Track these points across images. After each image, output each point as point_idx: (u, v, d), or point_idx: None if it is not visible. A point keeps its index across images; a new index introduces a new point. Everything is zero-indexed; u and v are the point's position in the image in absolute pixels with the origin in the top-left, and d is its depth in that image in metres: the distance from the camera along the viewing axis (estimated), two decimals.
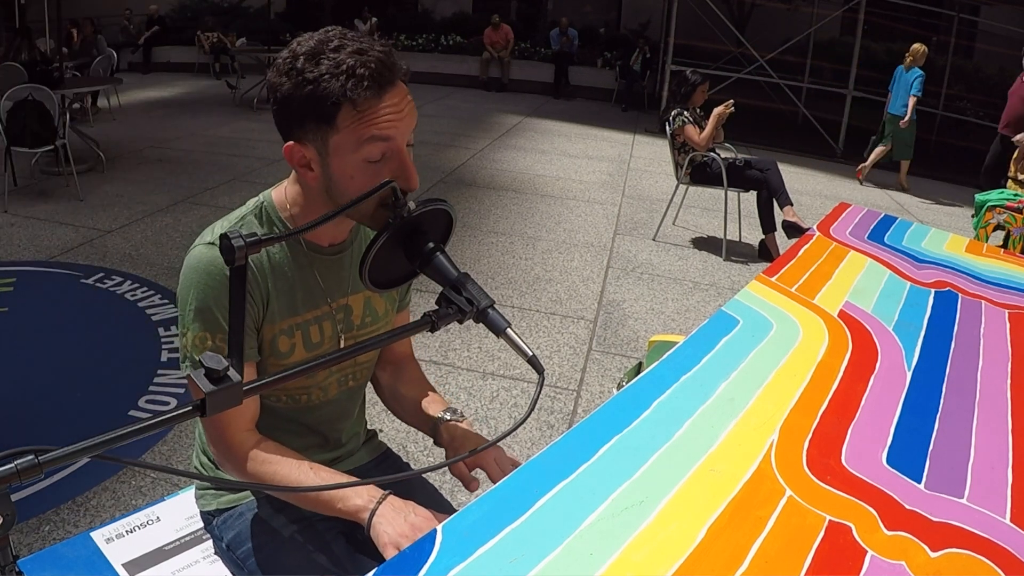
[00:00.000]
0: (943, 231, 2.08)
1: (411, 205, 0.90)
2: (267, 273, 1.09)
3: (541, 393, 1.11)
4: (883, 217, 2.09)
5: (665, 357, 1.21)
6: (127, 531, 1.27)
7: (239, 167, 6.43)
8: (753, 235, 5.25)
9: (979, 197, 5.50)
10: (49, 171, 5.78)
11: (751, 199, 5.04)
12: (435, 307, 0.89)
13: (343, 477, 1.11)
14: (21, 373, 2.90)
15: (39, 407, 2.69)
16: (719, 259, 4.90)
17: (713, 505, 0.86)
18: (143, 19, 12.69)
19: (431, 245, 0.92)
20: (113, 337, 3.29)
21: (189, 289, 1.05)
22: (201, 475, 1.29)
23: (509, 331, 0.89)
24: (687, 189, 5.27)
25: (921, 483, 0.94)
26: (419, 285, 1.23)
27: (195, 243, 1.08)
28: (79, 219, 4.79)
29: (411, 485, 1.27)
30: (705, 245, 5.20)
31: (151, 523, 1.30)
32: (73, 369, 2.96)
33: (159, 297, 3.65)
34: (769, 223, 4.86)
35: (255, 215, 1.11)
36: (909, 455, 1.00)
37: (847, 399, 1.13)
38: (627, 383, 1.17)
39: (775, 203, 4.83)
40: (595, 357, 3.38)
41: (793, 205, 4.85)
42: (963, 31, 11.73)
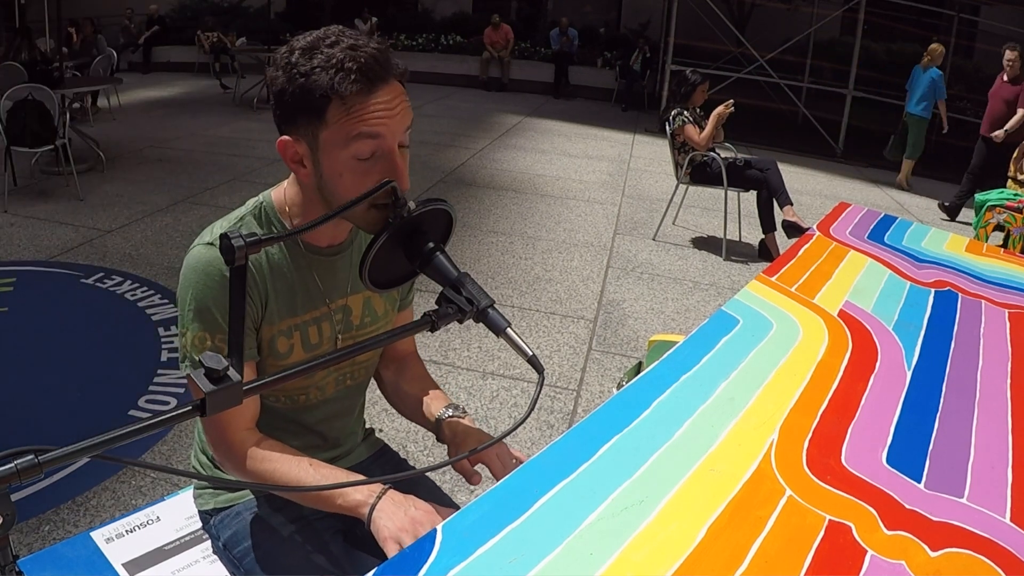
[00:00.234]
0: (943, 231, 2.08)
1: (411, 205, 0.90)
2: (266, 274, 1.09)
3: (541, 393, 1.11)
4: (883, 217, 2.09)
5: (665, 357, 1.21)
6: (127, 531, 1.27)
7: (239, 167, 6.43)
8: (753, 235, 5.25)
9: (979, 197, 5.51)
10: (49, 171, 5.78)
11: (751, 199, 5.04)
12: (435, 307, 0.89)
13: (343, 473, 1.11)
14: (21, 373, 2.90)
15: (39, 407, 2.69)
16: (719, 259, 4.90)
17: (713, 505, 0.86)
18: (143, 19, 12.70)
19: (431, 245, 0.92)
20: (113, 337, 3.29)
21: (188, 289, 1.06)
22: (201, 475, 1.29)
23: (509, 331, 0.89)
24: (687, 189, 5.27)
25: (921, 483, 0.94)
26: (419, 285, 1.23)
27: (194, 243, 1.08)
28: (79, 219, 4.79)
29: (412, 483, 1.27)
30: (705, 245, 5.20)
31: (151, 523, 1.30)
32: (73, 369, 2.96)
33: (159, 297, 3.65)
34: (769, 223, 4.86)
35: (254, 215, 1.11)
36: (909, 455, 1.00)
37: (847, 399, 1.12)
38: (627, 383, 1.17)
39: (775, 203, 4.83)
40: (595, 357, 3.38)
41: (793, 205, 4.85)
42: (963, 31, 11.73)
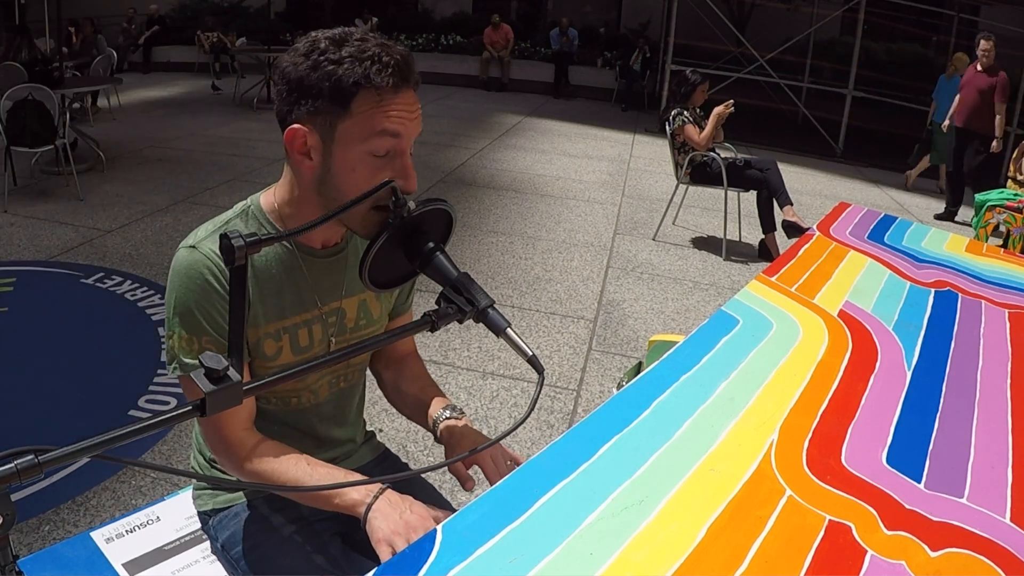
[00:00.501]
0: (943, 231, 2.08)
1: (411, 205, 0.90)
2: (249, 276, 1.07)
3: (541, 393, 1.11)
4: (883, 217, 2.09)
5: (665, 357, 1.21)
6: (127, 531, 1.27)
7: (239, 167, 6.43)
8: (753, 235, 5.25)
9: (979, 197, 5.51)
10: (49, 171, 5.78)
11: (751, 199, 5.04)
12: (435, 307, 0.89)
13: (341, 473, 1.11)
14: (21, 373, 2.90)
15: (39, 407, 2.69)
16: (719, 259, 4.90)
17: (713, 505, 0.86)
18: (143, 19, 12.70)
19: (431, 245, 0.92)
20: (113, 337, 3.29)
21: (172, 293, 1.05)
22: (200, 475, 1.28)
23: (509, 331, 0.89)
24: (687, 189, 5.27)
25: (921, 483, 0.94)
26: (419, 285, 1.23)
27: (179, 247, 1.07)
28: (79, 219, 4.79)
29: (411, 485, 1.26)
30: (705, 245, 5.20)
31: (151, 523, 1.30)
32: (73, 369, 2.96)
33: (159, 297, 3.65)
34: (769, 223, 4.86)
35: (241, 219, 1.10)
36: (909, 455, 1.00)
37: (847, 399, 1.12)
38: (627, 383, 1.17)
39: (775, 203, 4.83)
40: (595, 357, 3.38)
41: (793, 205, 4.85)
42: (963, 31, 11.71)
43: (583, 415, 2.05)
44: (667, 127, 4.98)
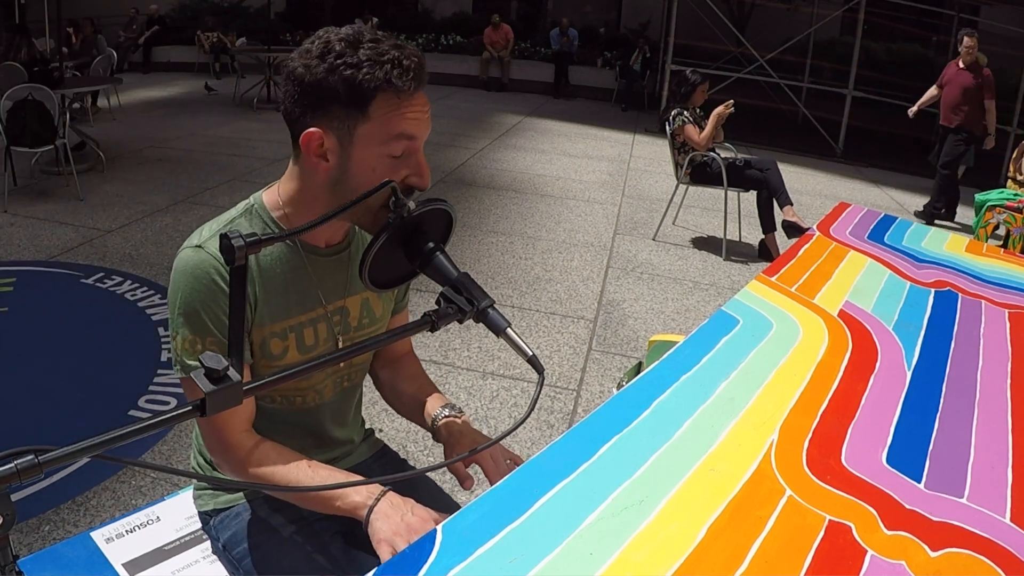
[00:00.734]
0: (943, 231, 2.08)
1: (411, 205, 0.90)
2: (255, 276, 1.07)
3: (541, 393, 1.11)
4: (883, 217, 2.09)
5: (665, 357, 1.21)
6: (127, 531, 1.27)
7: (239, 167, 6.43)
8: (753, 235, 5.25)
9: (979, 197, 5.50)
10: (49, 171, 5.78)
11: (751, 199, 5.05)
12: (435, 307, 0.89)
13: (342, 474, 1.11)
14: (21, 373, 2.90)
15: (39, 407, 2.69)
16: (719, 259, 4.90)
17: (713, 505, 0.86)
18: (144, 19, 12.69)
19: (431, 245, 0.92)
20: (113, 337, 3.29)
21: (176, 293, 1.04)
22: (200, 475, 1.28)
23: (509, 331, 0.89)
24: (687, 189, 5.27)
25: (921, 483, 0.94)
26: (419, 285, 1.23)
27: (183, 246, 1.06)
28: (79, 219, 4.79)
29: (413, 483, 1.27)
30: (705, 245, 5.20)
31: (151, 523, 1.30)
32: (73, 369, 2.96)
33: (159, 297, 3.65)
34: (769, 223, 4.86)
35: (245, 217, 1.09)
36: (909, 455, 1.00)
37: (847, 399, 1.13)
38: (627, 383, 1.17)
39: (775, 203, 4.84)
40: (595, 357, 3.38)
41: (793, 205, 4.85)
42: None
43: (583, 415, 2.05)
44: (667, 127, 4.98)
